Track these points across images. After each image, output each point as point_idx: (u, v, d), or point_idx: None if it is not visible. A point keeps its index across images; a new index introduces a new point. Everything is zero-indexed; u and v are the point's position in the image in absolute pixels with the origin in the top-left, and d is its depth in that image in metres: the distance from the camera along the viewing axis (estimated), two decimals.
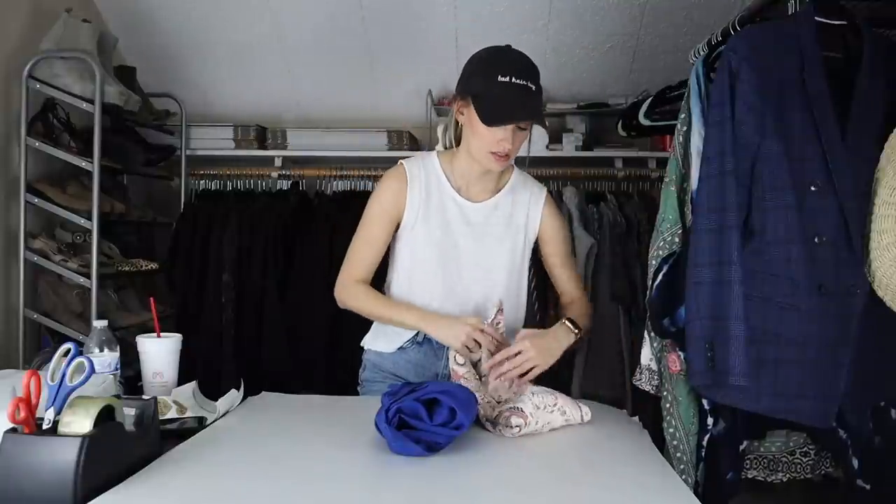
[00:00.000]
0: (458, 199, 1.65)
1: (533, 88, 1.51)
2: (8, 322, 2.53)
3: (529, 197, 1.70)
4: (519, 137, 1.55)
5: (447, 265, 1.63)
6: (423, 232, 1.63)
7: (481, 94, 1.52)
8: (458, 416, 1.19)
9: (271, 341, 2.92)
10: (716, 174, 1.53)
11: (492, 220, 1.66)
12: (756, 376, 1.49)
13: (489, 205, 1.67)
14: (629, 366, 2.74)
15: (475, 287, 1.65)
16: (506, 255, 1.66)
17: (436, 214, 1.63)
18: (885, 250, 1.46)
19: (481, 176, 1.65)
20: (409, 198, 1.62)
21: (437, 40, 3.09)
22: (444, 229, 1.63)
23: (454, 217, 1.64)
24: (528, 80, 1.50)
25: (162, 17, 3.09)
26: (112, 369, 1.38)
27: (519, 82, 1.49)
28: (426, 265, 1.63)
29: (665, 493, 1.07)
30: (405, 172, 1.64)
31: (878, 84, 1.54)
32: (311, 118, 3.40)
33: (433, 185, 1.65)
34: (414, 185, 1.63)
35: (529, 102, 1.51)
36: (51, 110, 2.59)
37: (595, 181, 3.15)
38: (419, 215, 1.63)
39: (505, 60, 1.53)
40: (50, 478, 0.95)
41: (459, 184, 1.66)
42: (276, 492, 1.03)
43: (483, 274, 1.65)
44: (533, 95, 1.51)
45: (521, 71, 1.51)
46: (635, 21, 3.01)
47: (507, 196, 1.68)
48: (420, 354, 1.66)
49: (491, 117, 1.50)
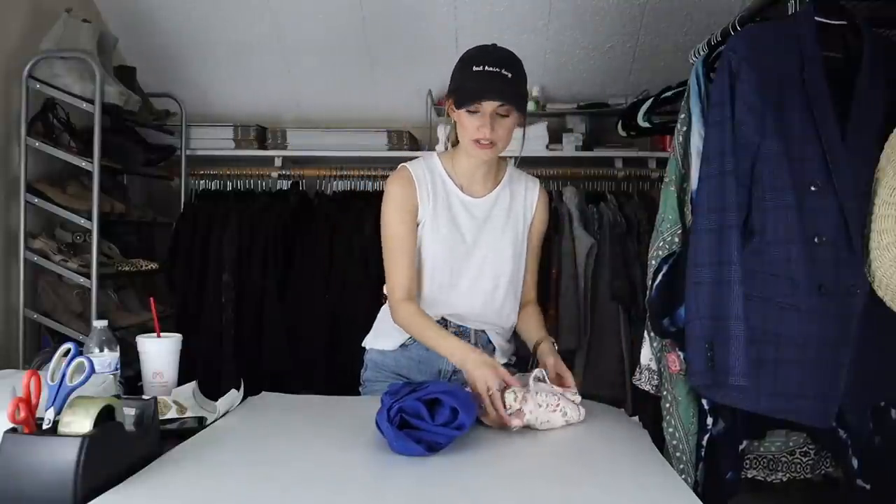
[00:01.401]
0: (462, 196, 1.69)
1: (509, 76, 1.55)
2: (8, 322, 2.53)
3: (525, 187, 1.76)
4: (501, 125, 1.57)
5: (456, 259, 1.67)
6: (432, 229, 1.66)
7: (458, 85, 1.60)
8: (460, 417, 1.19)
9: (271, 341, 2.92)
10: (716, 174, 1.53)
11: (494, 213, 1.71)
12: (756, 376, 1.49)
13: (490, 198, 1.71)
14: (629, 366, 2.74)
15: (483, 278, 1.68)
16: (509, 244, 1.71)
17: (442, 212, 1.67)
18: (885, 250, 1.46)
19: (479, 171, 1.69)
20: (419, 196, 1.66)
21: (437, 40, 3.09)
22: (451, 225, 1.67)
23: (459, 213, 1.68)
24: (503, 68, 1.54)
25: (162, 17, 3.09)
26: (112, 369, 1.38)
27: (492, 69, 1.54)
28: (436, 261, 1.66)
29: (665, 493, 1.07)
30: (410, 174, 1.67)
31: (878, 84, 1.54)
32: (311, 118, 3.40)
33: (438, 184, 1.68)
34: (421, 185, 1.66)
35: (500, 86, 1.54)
36: (51, 110, 2.59)
37: (595, 181, 3.15)
38: (428, 214, 1.66)
39: (481, 53, 1.58)
40: (50, 478, 0.95)
41: (461, 181, 1.70)
42: (276, 492, 1.03)
43: (490, 265, 1.69)
44: (507, 80, 1.55)
45: (496, 61, 1.55)
46: (635, 21, 3.01)
47: (505, 188, 1.73)
48: (422, 351, 1.66)
49: (461, 100, 1.57)
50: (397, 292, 1.62)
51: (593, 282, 2.84)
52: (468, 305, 1.68)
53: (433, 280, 1.67)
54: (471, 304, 1.68)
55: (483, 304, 1.68)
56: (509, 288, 1.70)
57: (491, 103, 1.55)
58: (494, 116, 1.56)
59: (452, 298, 1.67)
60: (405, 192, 1.65)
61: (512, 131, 1.61)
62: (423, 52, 3.15)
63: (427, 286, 1.67)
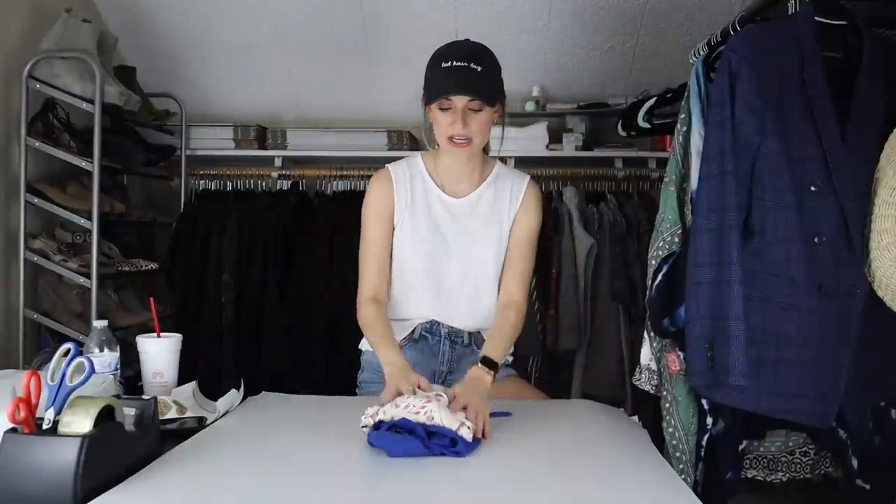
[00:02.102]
0: (443, 196, 1.68)
1: (478, 69, 1.53)
2: (8, 322, 2.53)
3: (511, 185, 1.71)
4: (475, 120, 1.55)
5: (436, 259, 1.66)
6: (411, 229, 1.66)
7: (428, 82, 1.58)
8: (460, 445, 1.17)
9: (271, 341, 2.92)
10: (716, 174, 1.53)
11: (476, 212, 1.68)
12: (756, 376, 1.49)
13: (472, 197, 1.69)
14: (629, 366, 2.74)
15: (465, 279, 1.67)
16: (492, 244, 1.68)
17: (422, 212, 1.66)
18: (885, 250, 1.46)
19: (463, 170, 1.67)
20: (396, 198, 1.66)
21: (437, 40, 3.07)
22: (431, 225, 1.66)
23: (440, 213, 1.67)
24: (472, 62, 1.53)
25: (162, 17, 3.08)
26: (112, 369, 1.38)
27: (459, 64, 1.53)
28: (416, 261, 1.66)
29: (665, 493, 1.07)
30: (389, 175, 1.68)
31: (878, 84, 1.54)
32: (311, 118, 3.40)
33: (417, 184, 1.68)
34: (399, 185, 1.66)
35: (468, 80, 1.52)
36: (51, 110, 2.59)
37: (595, 181, 3.15)
38: (406, 214, 1.66)
39: (450, 49, 1.58)
40: (50, 478, 0.95)
41: (443, 181, 1.69)
42: (275, 492, 1.03)
43: (472, 264, 1.67)
44: (475, 74, 1.53)
45: (465, 56, 1.54)
46: (635, 21, 3.00)
47: (490, 187, 1.70)
48: (417, 353, 1.66)
49: (430, 97, 1.56)
50: (364, 291, 1.64)
51: (593, 282, 2.84)
52: (454, 307, 1.67)
53: (416, 281, 1.67)
54: (456, 305, 1.67)
55: (469, 306, 1.68)
56: (495, 289, 1.68)
57: (461, 98, 1.52)
58: (467, 112, 1.54)
59: (439, 300, 1.67)
60: (382, 194, 1.66)
61: (488, 126, 1.58)
62: (423, 53, 3.13)
63: (412, 288, 1.67)
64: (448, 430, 1.18)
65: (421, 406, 1.23)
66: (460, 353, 1.70)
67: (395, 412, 1.23)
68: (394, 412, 1.23)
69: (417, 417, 1.20)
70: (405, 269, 1.67)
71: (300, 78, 3.30)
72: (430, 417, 1.20)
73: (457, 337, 1.69)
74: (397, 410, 1.23)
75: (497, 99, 1.58)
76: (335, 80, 3.29)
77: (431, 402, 1.23)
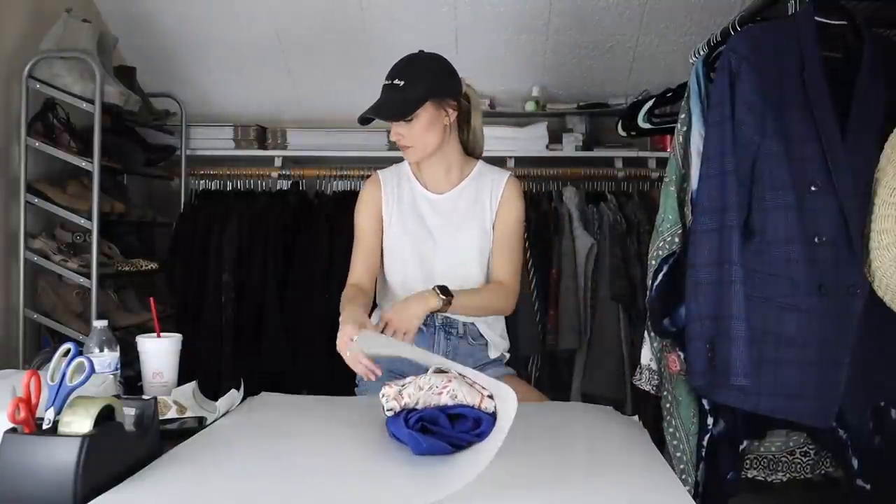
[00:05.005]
0: (427, 194, 1.79)
1: (400, 84, 1.64)
2: (8, 322, 2.53)
3: (492, 181, 1.80)
4: (408, 129, 1.67)
5: (424, 253, 1.76)
6: (399, 227, 1.78)
7: None
8: (483, 424, 1.17)
9: (271, 341, 2.92)
10: (716, 174, 1.53)
11: (459, 206, 1.78)
12: (756, 376, 1.49)
13: (453, 193, 1.79)
14: (629, 366, 2.74)
15: (452, 271, 1.74)
16: (475, 237, 1.77)
17: (408, 210, 1.78)
18: (885, 250, 1.46)
19: (439, 169, 1.78)
20: (383, 198, 1.79)
21: (437, 40, 3.08)
22: (418, 222, 1.77)
23: (425, 210, 1.78)
24: (395, 79, 1.65)
25: (162, 17, 3.08)
26: (112, 369, 1.38)
27: (386, 83, 1.68)
28: (404, 255, 1.77)
29: (665, 493, 1.07)
30: (378, 178, 1.83)
31: (878, 84, 1.54)
32: (311, 118, 3.40)
33: (404, 184, 1.81)
34: (386, 187, 1.80)
35: (383, 101, 1.67)
36: (51, 110, 2.59)
37: (595, 181, 3.15)
38: (394, 213, 1.78)
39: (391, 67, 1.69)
40: (50, 478, 0.95)
41: (426, 180, 1.80)
42: (275, 492, 1.02)
43: (458, 257, 1.76)
44: (393, 91, 1.65)
45: (392, 74, 1.67)
46: (635, 21, 3.00)
47: (471, 183, 1.80)
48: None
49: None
50: (350, 279, 1.77)
51: (593, 282, 2.84)
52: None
53: (407, 274, 1.77)
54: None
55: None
56: (481, 280, 1.77)
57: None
58: (400, 123, 1.67)
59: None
60: (371, 195, 1.81)
61: (424, 131, 1.68)
62: None
63: (404, 281, 1.76)
64: (471, 410, 1.18)
65: (443, 386, 1.23)
66: (455, 344, 1.76)
67: (420, 395, 1.23)
68: (418, 395, 1.24)
69: (441, 399, 1.22)
70: (396, 261, 1.78)
71: (300, 78, 3.30)
72: (454, 396, 1.22)
73: (451, 328, 1.76)
74: (421, 393, 1.24)
75: (414, 110, 1.65)
76: (335, 79, 3.29)
77: (453, 382, 1.24)
